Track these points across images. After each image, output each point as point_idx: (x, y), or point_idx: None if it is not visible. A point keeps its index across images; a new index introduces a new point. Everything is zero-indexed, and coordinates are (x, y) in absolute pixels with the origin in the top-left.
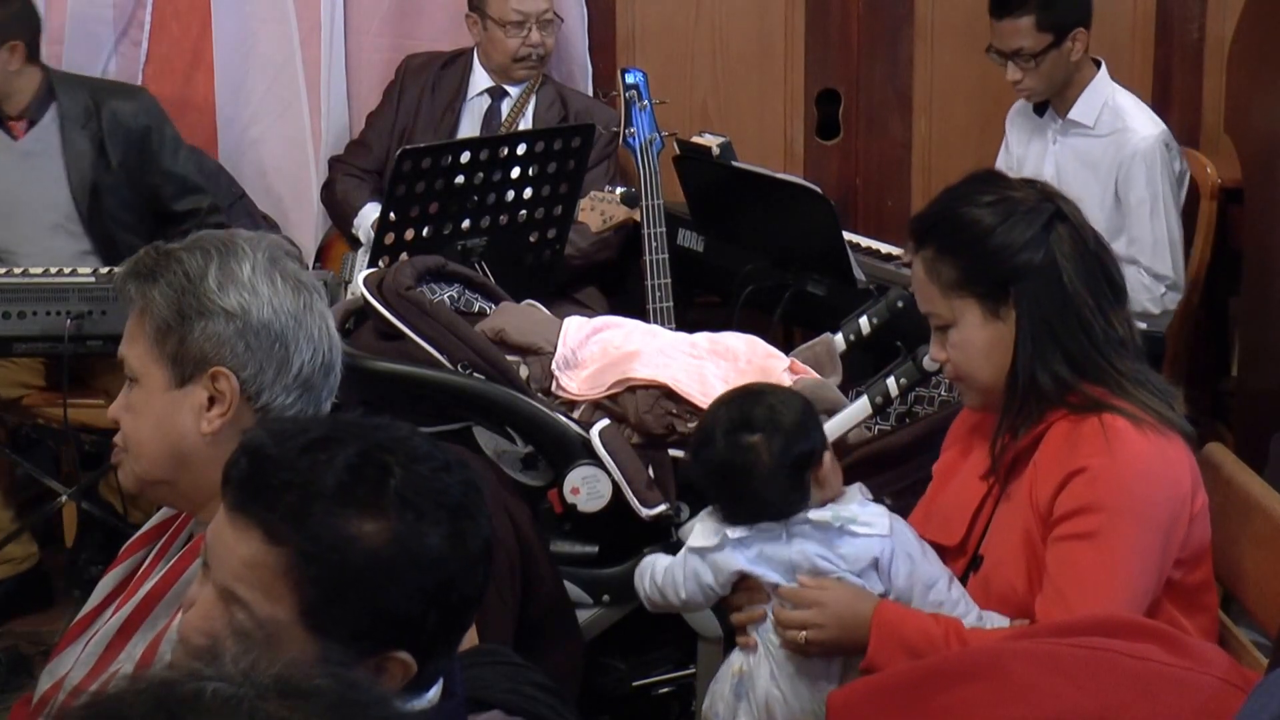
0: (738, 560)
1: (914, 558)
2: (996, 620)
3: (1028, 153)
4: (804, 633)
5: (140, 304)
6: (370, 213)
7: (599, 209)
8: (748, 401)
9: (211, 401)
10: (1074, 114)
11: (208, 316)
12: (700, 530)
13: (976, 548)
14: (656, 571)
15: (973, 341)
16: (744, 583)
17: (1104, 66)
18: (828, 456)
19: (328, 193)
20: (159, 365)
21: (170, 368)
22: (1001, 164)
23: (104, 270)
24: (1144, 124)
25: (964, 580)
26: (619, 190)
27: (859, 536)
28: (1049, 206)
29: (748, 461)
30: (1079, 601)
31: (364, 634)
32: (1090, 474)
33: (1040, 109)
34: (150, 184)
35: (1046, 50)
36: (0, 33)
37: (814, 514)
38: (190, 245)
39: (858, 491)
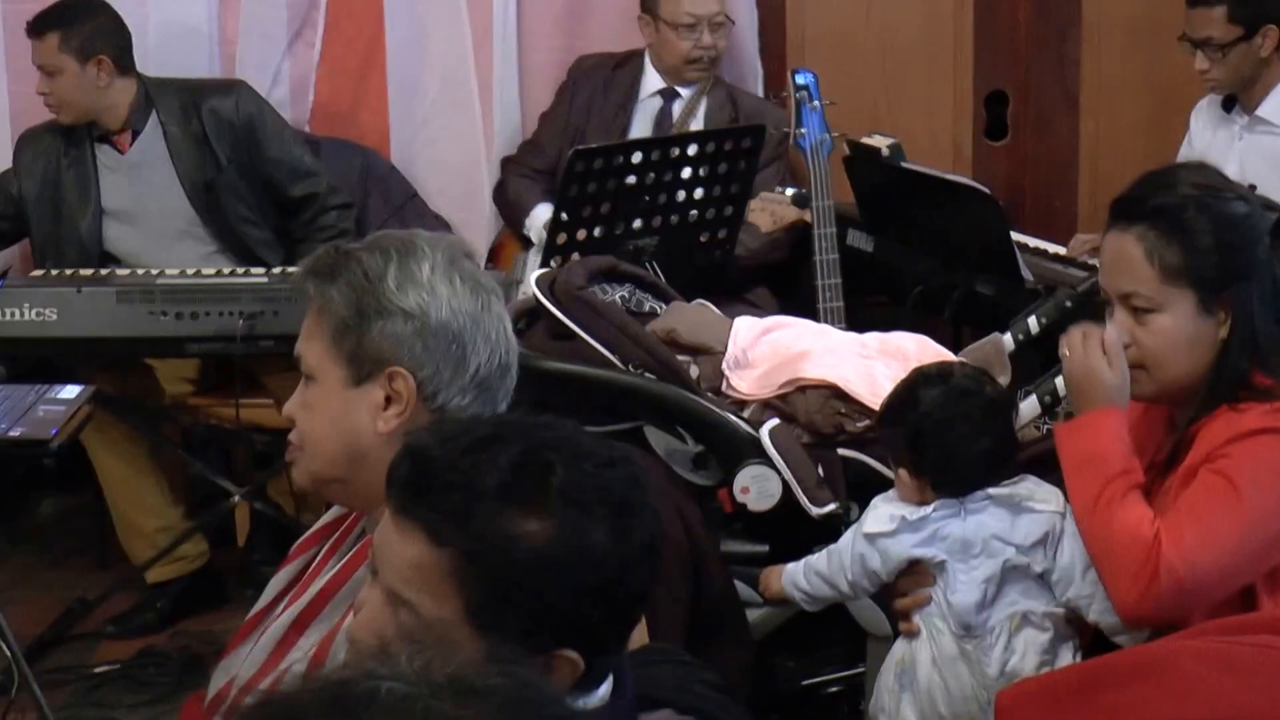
0: (908, 544)
1: (1078, 537)
2: None
3: (1210, 148)
4: None
5: (319, 302)
6: (542, 213)
7: (769, 210)
8: (953, 374)
9: (388, 401)
10: (1261, 111)
11: (386, 316)
12: (873, 517)
13: None
14: (816, 564)
15: (1181, 332)
16: (911, 568)
17: None
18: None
19: (500, 193)
20: (336, 364)
21: (348, 366)
22: (1183, 158)
23: (277, 270)
24: None
25: None
26: (789, 191)
27: (1036, 513)
28: (1271, 216)
29: (978, 415)
30: (1193, 528)
31: (531, 632)
32: (1251, 437)
33: (1228, 105)
34: (263, 174)
35: (1236, 42)
36: (84, 48)
37: (994, 490)
38: (370, 245)
39: (1030, 478)
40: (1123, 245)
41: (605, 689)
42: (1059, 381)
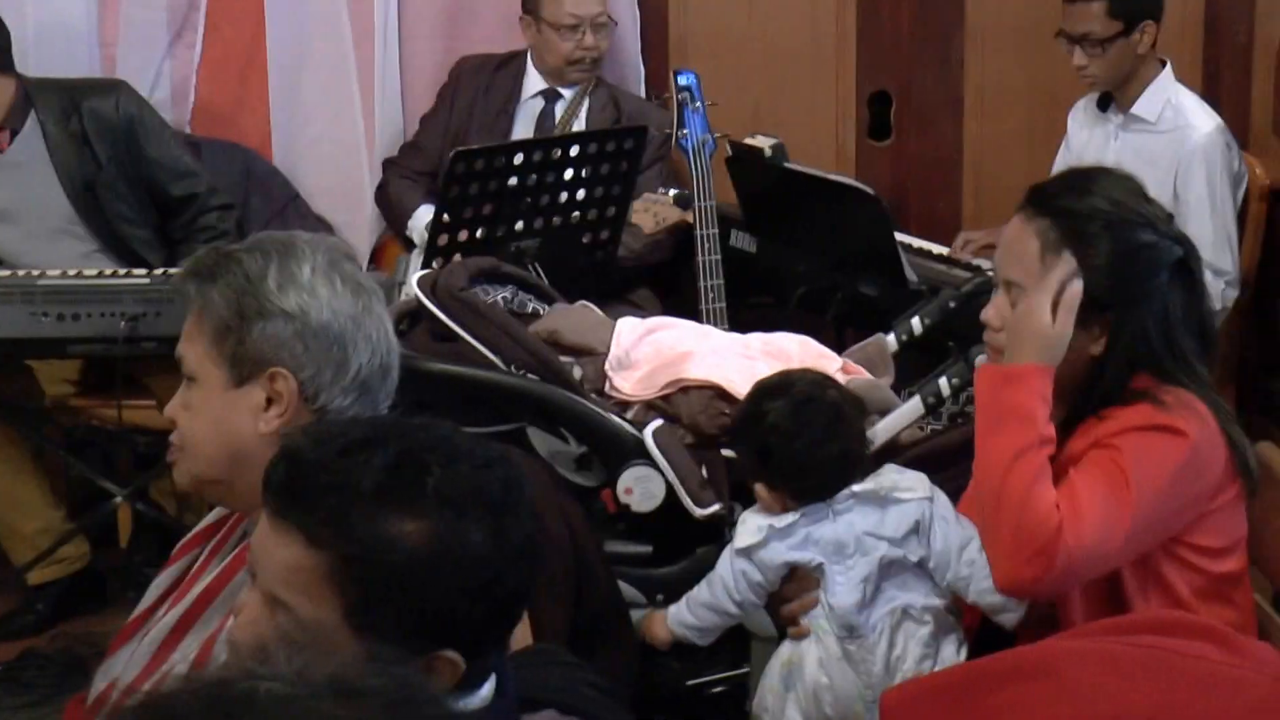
0: (782, 551)
1: (948, 520)
2: None
3: (1088, 147)
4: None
5: (199, 304)
6: (424, 214)
7: (652, 211)
8: (789, 383)
9: (269, 402)
10: (1136, 109)
11: (267, 317)
12: (743, 532)
13: None
14: (698, 596)
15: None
16: (792, 574)
17: (1169, 65)
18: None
19: (381, 194)
20: (217, 365)
21: (229, 368)
22: (1061, 160)
23: (159, 271)
24: (1205, 122)
25: None
26: (672, 192)
27: (904, 503)
28: (1178, 251)
29: (827, 420)
30: (1090, 519)
31: (410, 634)
32: (1139, 432)
33: (1104, 104)
34: (143, 174)
35: (1114, 38)
36: None
37: (858, 487)
38: (251, 246)
39: (890, 467)
40: (1022, 234)
41: (488, 689)
42: (942, 382)
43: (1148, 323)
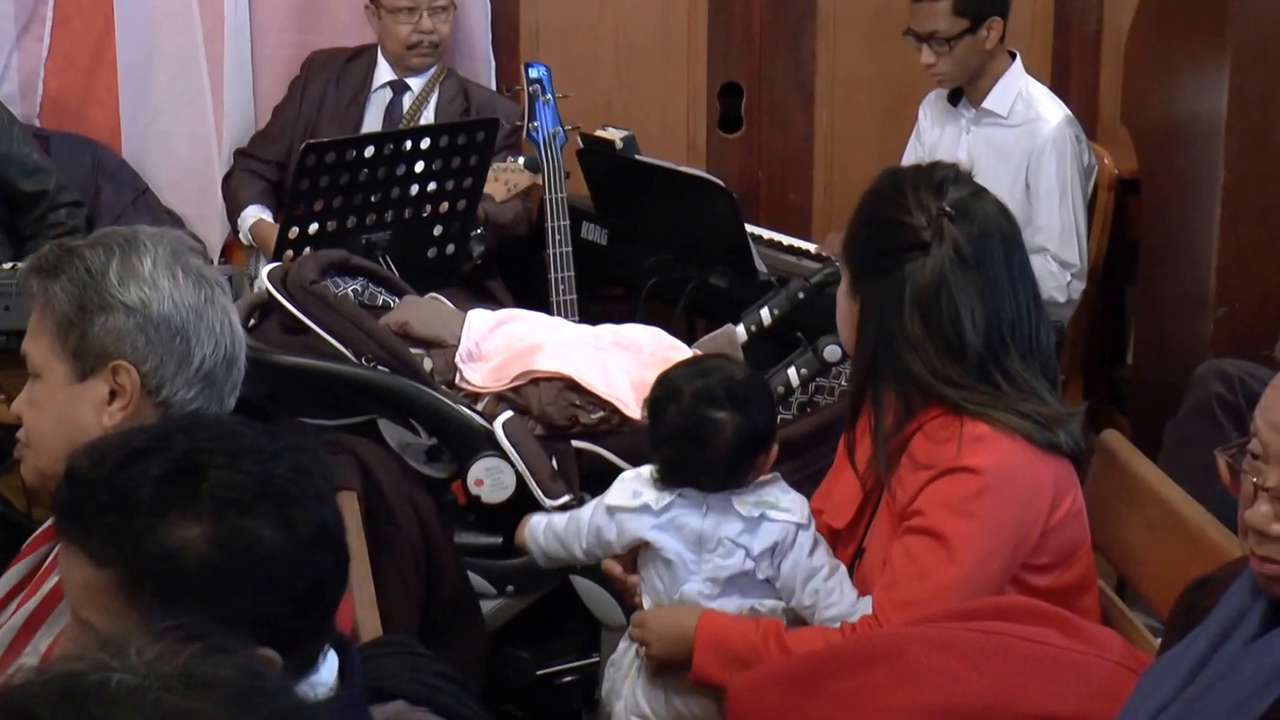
0: (645, 525)
1: (804, 549)
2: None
3: (940, 141)
4: (641, 650)
5: (43, 299)
6: (252, 214)
7: (501, 178)
8: (719, 375)
9: (112, 395)
10: (988, 103)
11: (108, 311)
12: (619, 489)
13: (863, 536)
14: (555, 523)
15: (839, 303)
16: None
17: (1019, 58)
18: (774, 447)
19: (225, 185)
20: (61, 360)
21: (71, 362)
22: (912, 153)
23: (7, 266)
24: (1056, 114)
25: (851, 567)
26: (520, 159)
27: (774, 522)
28: (927, 233)
29: (709, 433)
30: (908, 594)
31: None
32: (946, 478)
33: (954, 98)
34: None
35: (961, 35)
36: None
37: (737, 496)
38: (94, 241)
39: (779, 478)
40: None
41: (328, 672)
42: (791, 372)
43: (886, 298)
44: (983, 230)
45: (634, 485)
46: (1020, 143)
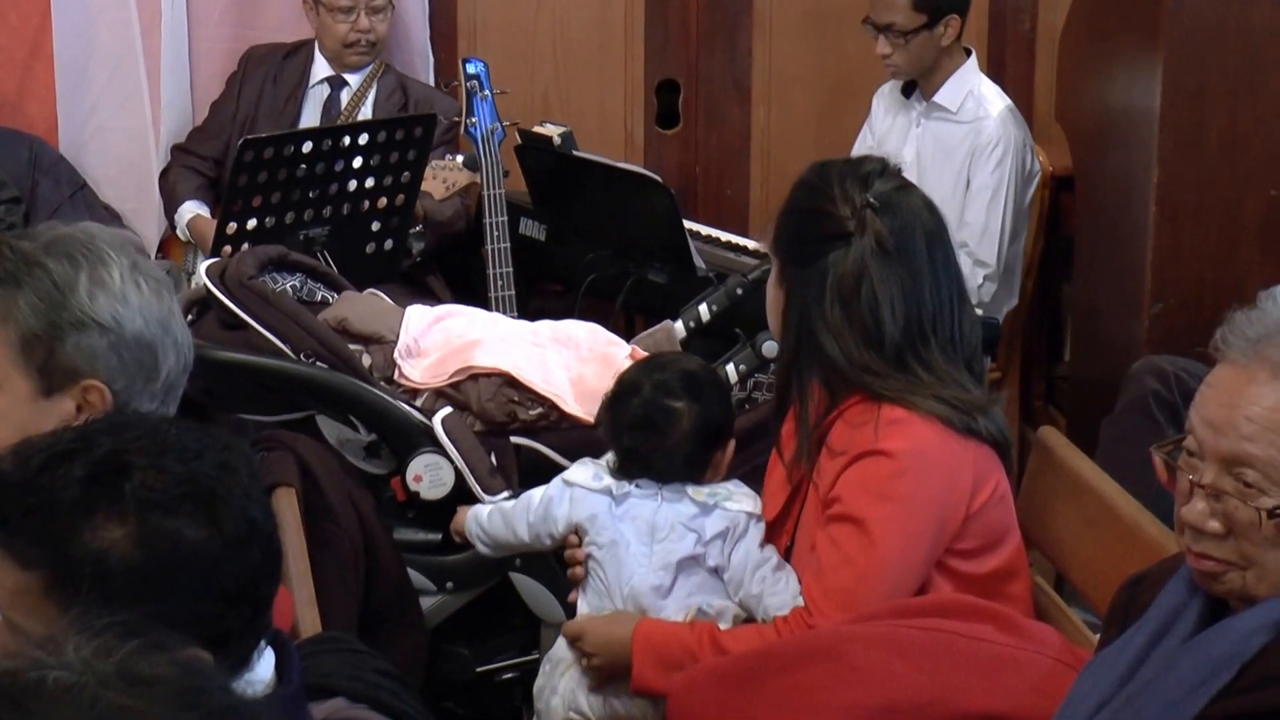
0: (600, 507)
1: (753, 541)
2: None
3: (890, 133)
4: (583, 660)
5: (2, 310)
6: (189, 210)
7: (440, 176)
8: (677, 368)
9: (79, 410)
10: (938, 98)
11: (80, 329)
12: (580, 469)
13: (795, 528)
14: (501, 505)
15: (769, 292)
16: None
17: (974, 56)
18: (731, 443)
19: (163, 181)
20: (23, 374)
21: (37, 378)
22: (861, 142)
23: None
24: (1005, 115)
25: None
26: (459, 158)
27: (726, 510)
28: (850, 223)
29: (667, 422)
30: (835, 581)
31: None
32: (862, 462)
33: (908, 91)
34: None
35: (918, 30)
36: None
37: (691, 489)
38: (53, 249)
39: (734, 483)
40: None
41: (263, 673)
42: (729, 368)
43: (809, 287)
44: (906, 223)
45: (595, 469)
46: (966, 139)
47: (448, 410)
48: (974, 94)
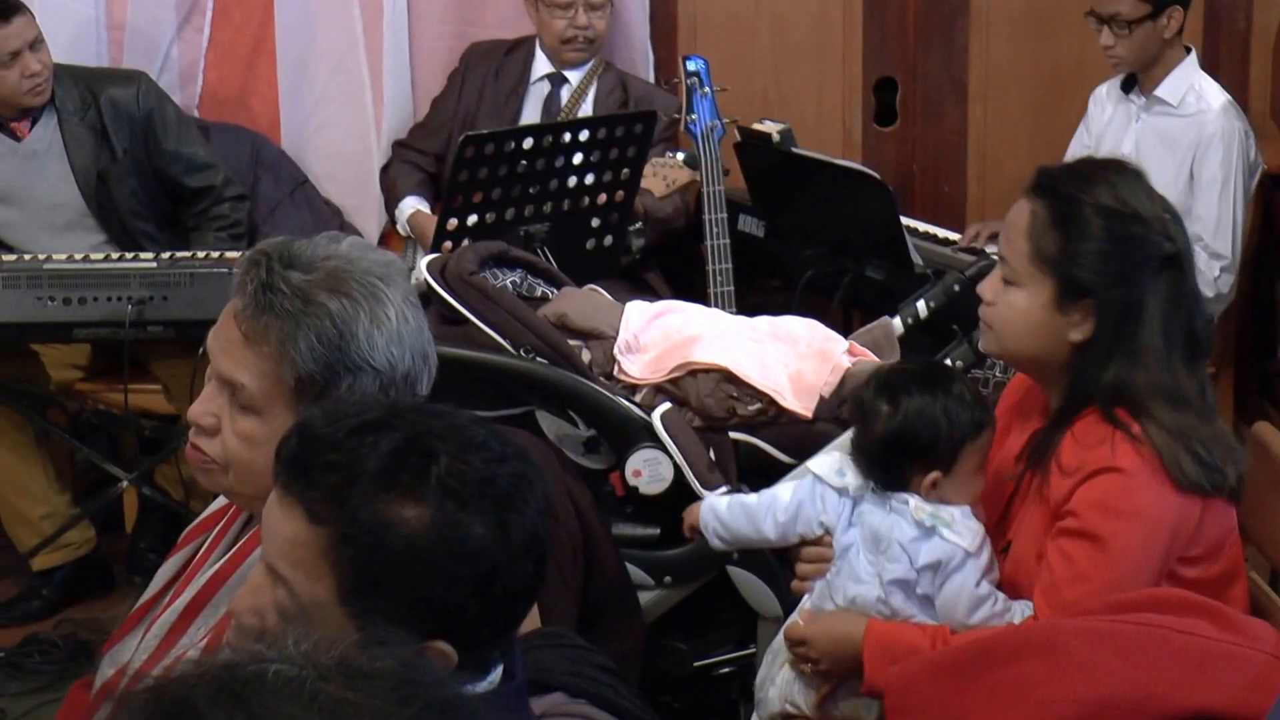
0: (842, 510)
1: (969, 580)
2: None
3: (1108, 130)
4: (806, 665)
5: (277, 344)
6: (409, 205)
7: (661, 174)
8: (908, 373)
9: None
10: (1160, 91)
11: (356, 373)
12: (824, 459)
13: (1009, 531)
14: (743, 499)
15: (1029, 314)
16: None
17: (1194, 53)
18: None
19: (383, 176)
20: (290, 409)
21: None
22: (1077, 142)
23: (166, 255)
24: (1227, 109)
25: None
26: (680, 155)
27: (945, 541)
28: (1168, 247)
29: (865, 418)
30: (1069, 596)
31: (401, 621)
32: (1098, 478)
33: (1127, 86)
34: (158, 166)
35: (1141, 20)
36: None
37: (915, 502)
38: (330, 284)
39: (966, 510)
40: (1019, 212)
41: (495, 676)
42: (947, 364)
43: (1128, 312)
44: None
45: (840, 461)
46: (1188, 133)
47: (667, 406)
48: (1195, 89)
